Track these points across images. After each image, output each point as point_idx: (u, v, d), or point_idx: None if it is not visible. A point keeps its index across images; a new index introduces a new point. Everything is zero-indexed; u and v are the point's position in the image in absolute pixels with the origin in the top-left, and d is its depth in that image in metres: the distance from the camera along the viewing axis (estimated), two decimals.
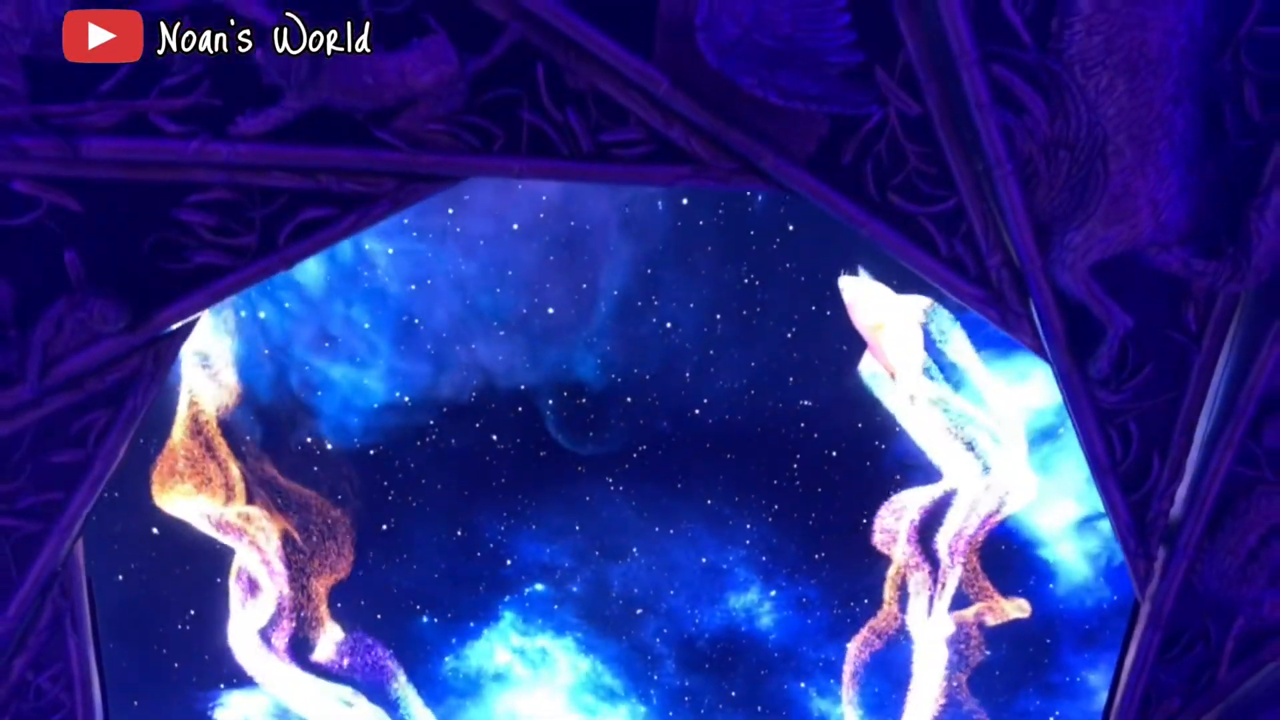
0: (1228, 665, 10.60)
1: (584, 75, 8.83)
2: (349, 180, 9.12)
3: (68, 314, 9.26)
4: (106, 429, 9.81)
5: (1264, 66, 8.35)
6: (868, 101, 8.82)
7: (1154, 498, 10.03)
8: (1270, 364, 9.12)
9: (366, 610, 22.98)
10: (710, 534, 24.23)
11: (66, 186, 8.89)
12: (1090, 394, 9.66)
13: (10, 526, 9.92)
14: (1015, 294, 9.43)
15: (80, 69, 8.40)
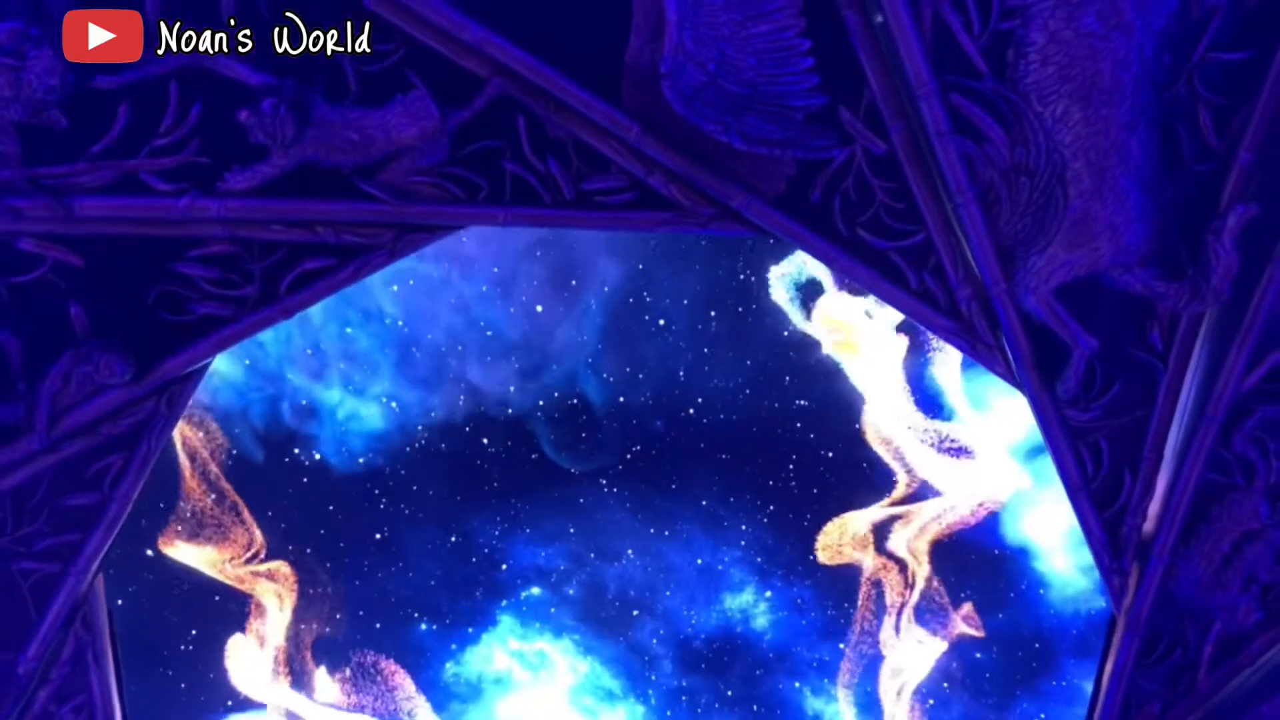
0: (1206, 670, 10.07)
1: (564, 126, 8.43)
2: (347, 232, 8.74)
3: (74, 367, 8.87)
4: (122, 472, 9.42)
5: (1217, 93, 7.97)
6: (829, 145, 8.42)
7: (1127, 513, 9.54)
8: (1236, 372, 8.68)
9: (365, 620, 21.52)
10: (705, 535, 22.64)
11: (70, 243, 8.54)
12: (1060, 413, 9.20)
13: (29, 569, 9.54)
14: (985, 325, 8.98)
15: (72, 132, 8.07)
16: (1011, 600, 21.72)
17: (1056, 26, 7.67)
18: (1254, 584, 9.53)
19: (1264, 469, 9.13)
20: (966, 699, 21.14)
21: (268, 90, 8.08)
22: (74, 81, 7.83)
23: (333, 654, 21.01)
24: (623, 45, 8.12)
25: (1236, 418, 8.93)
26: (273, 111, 8.04)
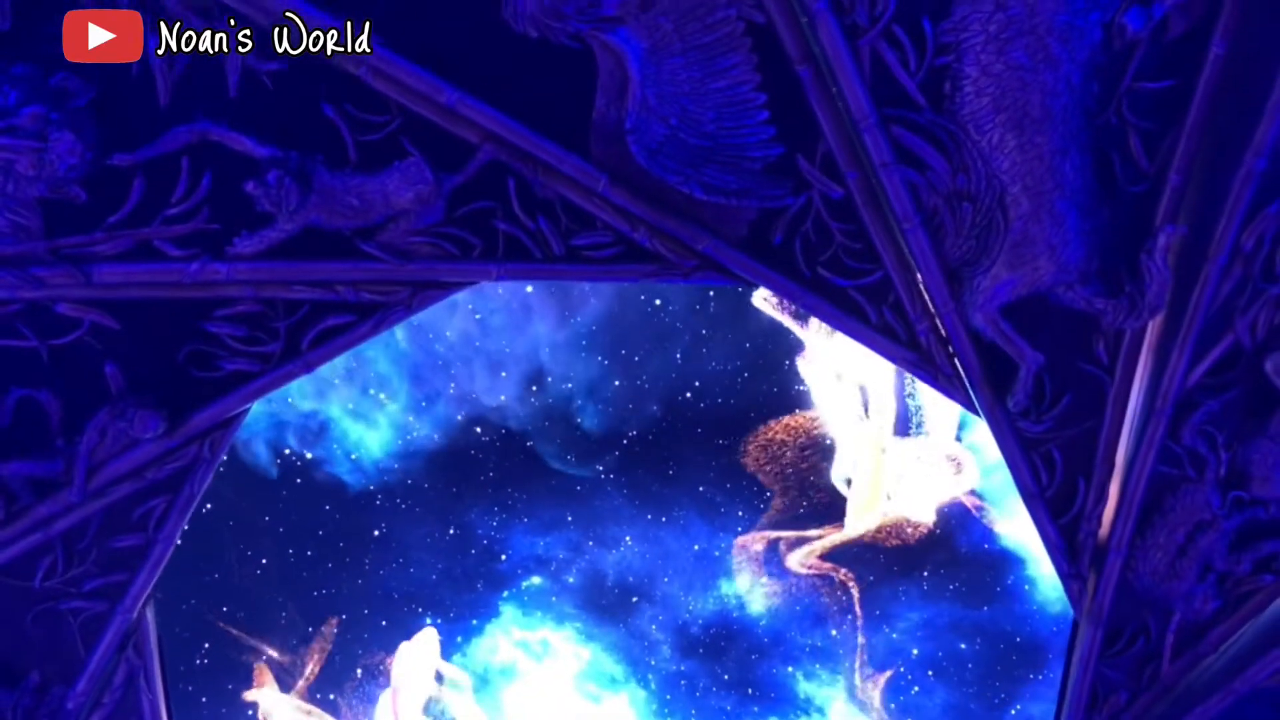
0: (1170, 659, 9.36)
1: (551, 187, 7.97)
2: (365, 290, 8.29)
3: (110, 423, 8.41)
4: (165, 514, 8.93)
5: (1145, 119, 7.45)
6: (784, 194, 7.95)
7: (1082, 520, 8.94)
8: (1180, 368, 8.07)
9: (371, 618, 19.41)
10: (702, 521, 20.28)
11: (105, 307, 8.09)
12: (1012, 425, 8.61)
13: (78, 608, 9.03)
14: (944, 356, 8.46)
15: (90, 205, 7.66)
16: (998, 594, 20.10)
17: (988, 60, 7.19)
18: (1210, 573, 8.89)
19: (1213, 461, 8.50)
20: (949, 688, 19.60)
21: (272, 162, 7.68)
22: (92, 159, 7.42)
23: (343, 654, 19.25)
24: (590, 103, 7.66)
25: (1183, 412, 8.30)
26: (277, 182, 7.64)
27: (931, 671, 19.69)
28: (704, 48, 7.47)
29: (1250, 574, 8.82)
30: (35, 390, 8.24)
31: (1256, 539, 8.70)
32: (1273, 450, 8.29)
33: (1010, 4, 7.00)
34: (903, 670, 19.72)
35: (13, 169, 7.22)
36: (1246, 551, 8.73)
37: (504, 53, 7.43)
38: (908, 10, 7.14)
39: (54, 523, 8.63)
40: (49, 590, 8.88)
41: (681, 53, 7.47)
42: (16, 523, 8.55)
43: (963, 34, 7.13)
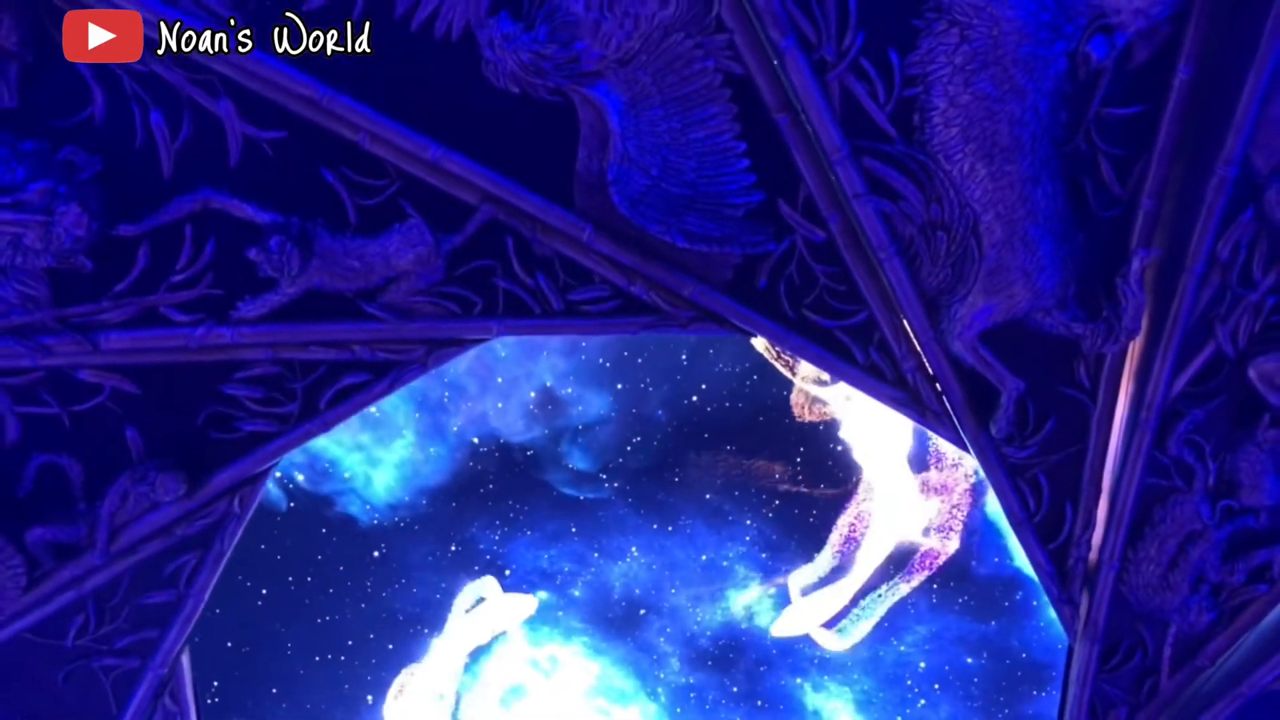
0: (1168, 673, 8.46)
1: (549, 244, 7.37)
2: (380, 349, 7.68)
3: (131, 487, 7.76)
4: (196, 570, 8.23)
5: (1115, 145, 6.82)
6: (766, 240, 7.29)
7: (1071, 544, 8.13)
8: (1164, 379, 7.30)
9: (377, 642, 17.10)
10: (709, 530, 17.75)
11: (125, 372, 7.48)
12: (997, 452, 7.85)
13: (110, 665, 8.30)
14: (931, 394, 7.76)
15: (96, 274, 7.08)
16: (1006, 610, 18.22)
17: (955, 92, 6.55)
18: (1204, 584, 8.03)
19: (1202, 471, 7.70)
20: (954, 701, 17.93)
21: (274, 228, 7.09)
22: (98, 230, 6.84)
23: (352, 681, 17.05)
24: (573, 156, 7.07)
25: (1169, 422, 7.52)
26: (279, 248, 7.04)
27: (937, 685, 17.66)
28: (683, 99, 6.91)
29: (1244, 584, 8.01)
30: (57, 455, 7.64)
31: (1249, 548, 7.92)
32: (1260, 457, 7.55)
33: (974, 36, 6.40)
34: (909, 683, 17.93)
35: (20, 242, 6.67)
36: (1239, 561, 7.94)
37: (487, 109, 6.87)
38: (874, 44, 6.56)
39: (85, 581, 8.00)
40: (81, 649, 8.21)
41: (661, 104, 6.90)
42: (40, 587, 7.90)
43: (929, 66, 6.53)
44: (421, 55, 6.68)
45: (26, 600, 7.83)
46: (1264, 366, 7.21)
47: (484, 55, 6.62)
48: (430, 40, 6.64)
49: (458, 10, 6.57)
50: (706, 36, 6.68)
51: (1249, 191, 6.63)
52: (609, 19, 6.54)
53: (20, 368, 7.27)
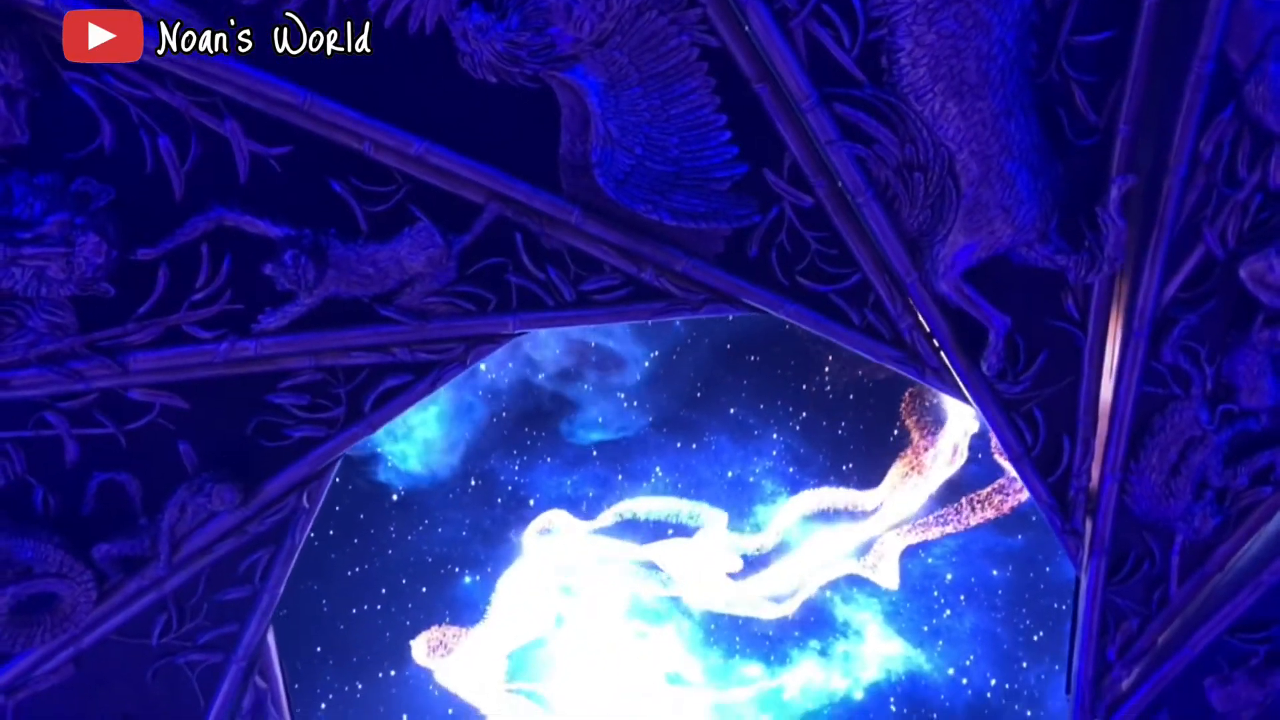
0: (1177, 581, 7.33)
1: (557, 237, 6.49)
2: (420, 350, 6.82)
3: (189, 499, 6.92)
4: (270, 565, 7.40)
5: (1087, 72, 5.85)
6: (752, 213, 6.37)
7: (1071, 475, 7.10)
8: (1154, 286, 6.26)
9: (409, 586, 14.22)
10: (735, 446, 14.49)
11: (173, 389, 6.64)
12: (990, 389, 6.84)
13: (195, 660, 7.48)
14: (929, 351, 6.81)
15: (119, 298, 6.24)
16: (1033, 524, 15.41)
17: (919, 31, 5.57)
18: (1207, 490, 6.96)
19: (1199, 376, 6.64)
20: (979, 612, 15.95)
21: (287, 242, 6.23)
22: (117, 256, 6.02)
23: (393, 629, 14.28)
24: (556, 141, 6.17)
25: (1162, 329, 6.49)
26: (294, 261, 6.20)
27: (963, 596, 15.75)
28: (661, 75, 5.98)
29: (1248, 487, 6.95)
30: (115, 473, 6.80)
31: (1250, 451, 6.86)
32: (1257, 359, 6.50)
33: None
34: (936, 595, 15.90)
35: (44, 274, 5.87)
36: (1242, 465, 6.87)
37: (467, 101, 5.98)
38: None
39: (154, 589, 7.19)
40: (166, 646, 7.39)
41: (639, 83, 5.98)
42: (110, 599, 7.10)
43: (892, 7, 5.56)
44: (398, 52, 5.81)
45: (99, 612, 7.05)
46: (1254, 266, 6.17)
47: (459, 48, 5.75)
48: (405, 36, 5.77)
49: (429, 5, 5.69)
50: (679, 12, 5.77)
51: (1228, 87, 5.63)
52: (580, 2, 5.65)
53: (74, 391, 6.47)
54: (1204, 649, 7.32)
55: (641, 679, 14.86)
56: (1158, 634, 7.38)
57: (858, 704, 14.99)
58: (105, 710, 7.34)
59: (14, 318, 6.01)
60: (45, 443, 6.58)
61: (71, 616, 6.84)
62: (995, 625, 15.20)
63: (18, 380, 6.21)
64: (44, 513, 6.67)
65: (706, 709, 14.87)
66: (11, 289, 5.84)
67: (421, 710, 14.05)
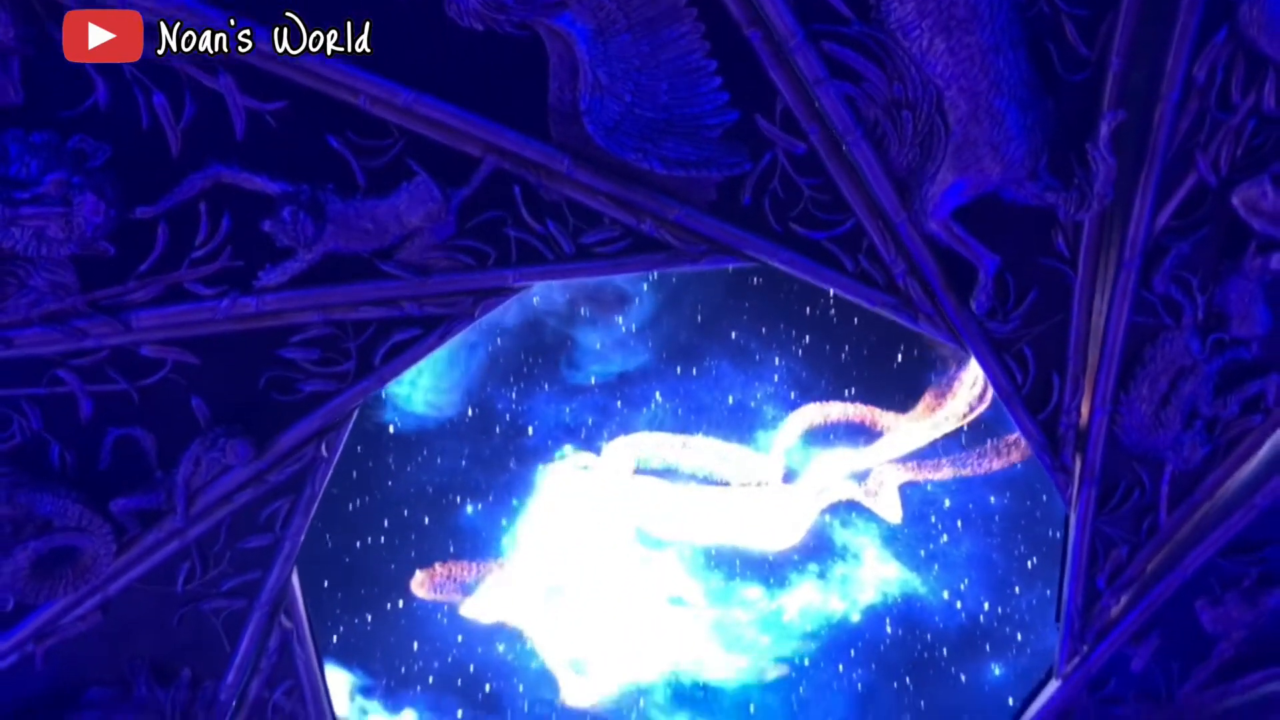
0: (1167, 510, 6.97)
1: (556, 190, 6.08)
2: (428, 304, 6.46)
3: (203, 453, 6.59)
4: (290, 513, 7.07)
5: (1078, 5, 5.40)
6: (742, 160, 5.95)
7: (1060, 413, 6.74)
8: (1145, 215, 5.81)
9: (411, 518, 13.13)
10: (735, 371, 13.33)
11: (184, 345, 6.27)
12: (981, 328, 6.46)
13: (219, 607, 7.21)
14: (923, 297, 6.40)
15: (120, 257, 5.85)
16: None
17: None
18: (1196, 419, 6.60)
19: (1190, 306, 6.27)
20: (975, 538, 15.19)
21: (285, 198, 5.86)
22: (116, 215, 5.64)
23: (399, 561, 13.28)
24: (545, 89, 5.74)
25: (1154, 258, 6.07)
26: (292, 218, 5.85)
27: (960, 522, 15.08)
28: (650, 21, 5.55)
29: (1238, 416, 6.61)
30: (130, 429, 6.48)
31: (1241, 380, 6.50)
32: (1249, 287, 6.13)
33: None
34: (933, 520, 15.13)
35: (44, 234, 5.51)
36: (1231, 394, 6.52)
37: (453, 49, 5.57)
38: None
39: (170, 542, 6.87)
40: (191, 593, 7.11)
41: (628, 29, 5.55)
42: (129, 551, 6.78)
43: None
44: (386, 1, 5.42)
45: (121, 562, 6.75)
46: (1247, 193, 5.79)
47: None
48: None
49: None
50: None
51: (1222, 10, 5.21)
52: None
53: (86, 349, 6.14)
54: (1195, 571, 7.03)
55: (644, 602, 14.08)
56: (1147, 562, 7.09)
57: (855, 625, 14.23)
58: (133, 655, 7.10)
59: (15, 277, 5.68)
60: (59, 400, 6.29)
61: (92, 569, 6.59)
62: (991, 551, 14.42)
63: (22, 339, 5.90)
64: (61, 469, 6.39)
65: (707, 630, 14.22)
66: (12, 249, 5.50)
67: (432, 638, 13.29)
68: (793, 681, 14.09)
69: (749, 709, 14.08)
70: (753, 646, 14.13)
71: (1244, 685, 7.07)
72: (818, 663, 14.15)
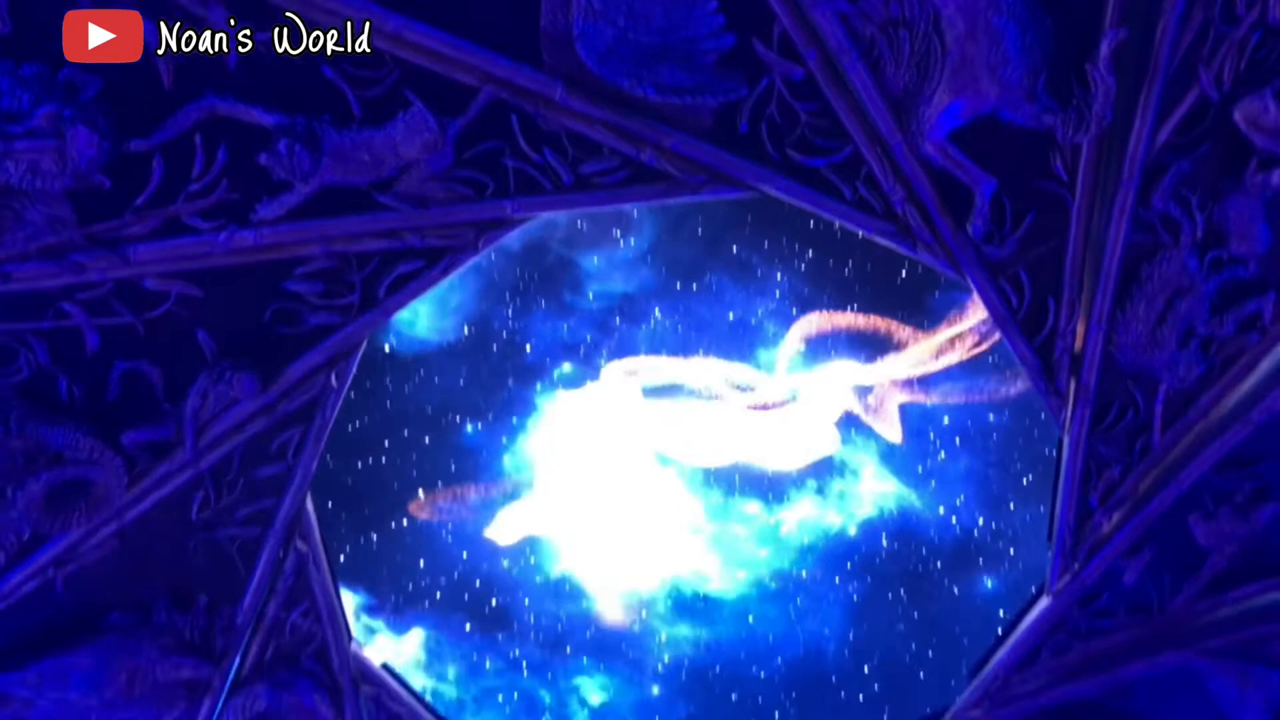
0: (1160, 430, 6.70)
1: (555, 119, 5.80)
2: (431, 236, 6.23)
3: (210, 386, 6.44)
4: (302, 443, 6.91)
5: None
6: (738, 87, 5.67)
7: (1056, 337, 6.46)
8: (1145, 131, 5.49)
9: (413, 437, 12.45)
10: (736, 286, 12.53)
11: (188, 278, 6.08)
12: (977, 251, 6.17)
13: (234, 534, 7.08)
14: (922, 224, 6.09)
15: (116, 190, 5.63)
16: None
17: None
18: (1192, 338, 6.30)
19: (1188, 224, 5.93)
20: (972, 455, 14.74)
21: (281, 130, 5.62)
22: (110, 148, 5.43)
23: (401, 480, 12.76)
24: (538, 15, 5.44)
25: (1153, 175, 5.75)
26: (288, 150, 5.62)
27: (959, 439, 14.69)
28: None
29: (1234, 335, 6.31)
30: (136, 362, 6.32)
31: (1238, 299, 6.18)
32: (1250, 204, 5.79)
33: None
34: (932, 436, 14.67)
35: (38, 167, 5.33)
36: (1228, 313, 6.20)
37: None
38: None
39: (193, 466, 6.72)
40: (205, 521, 6.98)
41: None
42: (140, 483, 6.65)
43: None
44: None
45: (135, 493, 6.64)
46: (1250, 108, 5.49)
47: None
48: None
49: None
50: None
51: None
52: None
53: (90, 282, 5.95)
54: (1190, 486, 6.77)
55: (645, 517, 13.76)
56: (1139, 481, 6.87)
57: (851, 539, 13.90)
58: (151, 581, 7.03)
59: (11, 211, 5.50)
60: (66, 333, 6.13)
61: (105, 501, 6.50)
62: (988, 468, 13.86)
63: (20, 273, 5.74)
64: (70, 402, 6.26)
65: (707, 544, 13.97)
66: (6, 182, 5.33)
67: (437, 554, 12.98)
68: (790, 593, 13.90)
69: (748, 619, 13.88)
70: (751, 560, 13.90)
71: (1235, 598, 6.93)
72: (815, 575, 13.89)
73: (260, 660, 7.50)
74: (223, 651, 7.18)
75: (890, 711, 13.35)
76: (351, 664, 7.79)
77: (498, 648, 13.34)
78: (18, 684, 6.43)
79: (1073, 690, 7.33)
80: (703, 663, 13.49)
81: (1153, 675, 7.15)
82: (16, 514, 6.25)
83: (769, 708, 13.61)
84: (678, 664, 13.54)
